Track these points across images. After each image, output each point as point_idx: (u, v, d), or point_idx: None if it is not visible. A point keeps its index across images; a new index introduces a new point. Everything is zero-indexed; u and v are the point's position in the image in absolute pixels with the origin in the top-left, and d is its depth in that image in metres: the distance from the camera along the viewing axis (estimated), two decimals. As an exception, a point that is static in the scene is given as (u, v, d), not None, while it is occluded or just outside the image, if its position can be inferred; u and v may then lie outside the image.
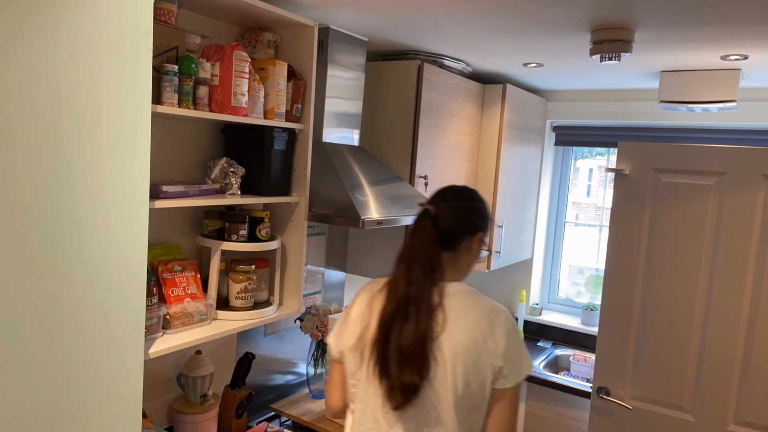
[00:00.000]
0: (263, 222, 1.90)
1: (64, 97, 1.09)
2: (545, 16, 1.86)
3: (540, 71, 2.82)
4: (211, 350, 2.11)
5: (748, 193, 2.09)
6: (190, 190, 1.66)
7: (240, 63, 1.67)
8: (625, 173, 2.30)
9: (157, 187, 1.56)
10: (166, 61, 1.54)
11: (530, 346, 3.40)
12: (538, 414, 3.00)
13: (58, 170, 1.10)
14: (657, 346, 2.28)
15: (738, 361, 2.13)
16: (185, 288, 1.74)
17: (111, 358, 1.24)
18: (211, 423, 1.92)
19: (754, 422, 2.12)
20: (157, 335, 1.62)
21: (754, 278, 2.10)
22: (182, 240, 1.92)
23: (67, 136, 1.10)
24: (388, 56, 2.61)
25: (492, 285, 3.71)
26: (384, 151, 2.55)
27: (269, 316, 1.91)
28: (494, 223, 3.01)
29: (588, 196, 3.81)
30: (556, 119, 3.43)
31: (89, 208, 1.16)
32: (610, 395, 2.38)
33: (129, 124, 1.21)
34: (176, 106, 1.54)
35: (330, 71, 2.15)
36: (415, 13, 1.93)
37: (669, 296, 2.24)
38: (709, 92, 2.53)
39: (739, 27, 1.86)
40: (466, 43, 2.31)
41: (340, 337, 1.46)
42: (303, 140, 1.95)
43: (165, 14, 1.55)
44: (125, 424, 1.29)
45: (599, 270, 3.57)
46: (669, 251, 2.23)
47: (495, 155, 2.96)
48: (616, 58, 2.02)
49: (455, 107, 2.72)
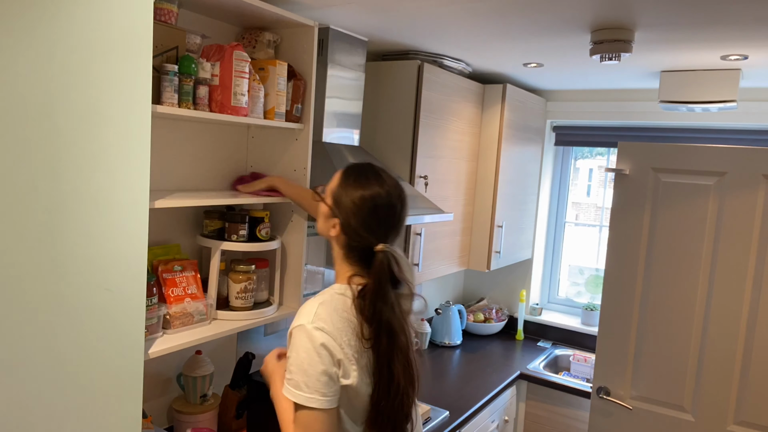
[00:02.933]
0: (263, 222, 1.90)
1: (63, 97, 1.09)
2: (545, 16, 1.86)
3: (540, 71, 2.82)
4: (211, 350, 2.11)
5: (748, 193, 2.09)
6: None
7: (240, 63, 1.67)
8: (625, 173, 2.30)
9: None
10: (166, 61, 1.54)
11: (530, 346, 3.41)
12: (537, 414, 3.00)
13: (58, 170, 1.10)
14: (657, 346, 2.28)
15: (738, 361, 2.13)
16: (185, 288, 1.74)
17: (111, 358, 1.24)
18: (211, 423, 1.92)
19: (754, 422, 2.12)
20: (157, 335, 1.62)
21: (754, 278, 2.10)
22: (182, 240, 1.92)
23: (67, 136, 1.10)
24: (388, 56, 2.61)
25: (492, 285, 3.71)
26: (384, 151, 2.55)
27: (269, 316, 1.91)
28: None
29: (588, 196, 3.81)
30: (556, 119, 3.43)
31: (89, 207, 1.16)
32: (610, 395, 2.38)
33: (129, 124, 1.21)
34: (176, 106, 1.54)
35: (330, 71, 2.15)
36: (415, 13, 1.93)
37: (669, 296, 2.24)
38: (709, 92, 2.53)
39: (739, 27, 1.86)
40: (466, 43, 2.31)
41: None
42: (303, 140, 1.95)
43: (165, 14, 1.55)
44: (125, 424, 1.29)
45: (599, 270, 3.57)
46: (669, 251, 2.23)
47: (495, 155, 2.96)
48: (616, 58, 2.02)
49: (455, 107, 2.72)
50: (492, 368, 2.99)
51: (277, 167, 2.01)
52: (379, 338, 1.29)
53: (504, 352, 3.26)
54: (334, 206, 1.37)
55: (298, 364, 1.24)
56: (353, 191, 1.35)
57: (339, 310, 1.30)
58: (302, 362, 1.24)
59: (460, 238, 2.95)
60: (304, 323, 1.26)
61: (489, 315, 3.53)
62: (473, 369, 2.97)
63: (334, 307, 1.30)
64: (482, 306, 3.62)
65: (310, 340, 1.24)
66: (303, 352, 1.24)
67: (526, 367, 3.04)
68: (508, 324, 3.62)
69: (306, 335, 1.25)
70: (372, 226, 1.34)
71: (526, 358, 3.18)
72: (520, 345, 3.41)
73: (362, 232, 1.33)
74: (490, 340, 3.46)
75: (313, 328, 1.25)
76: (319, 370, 1.23)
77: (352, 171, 1.39)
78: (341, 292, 1.33)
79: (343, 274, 1.38)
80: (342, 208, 1.35)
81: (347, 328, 1.28)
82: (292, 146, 1.97)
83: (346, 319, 1.29)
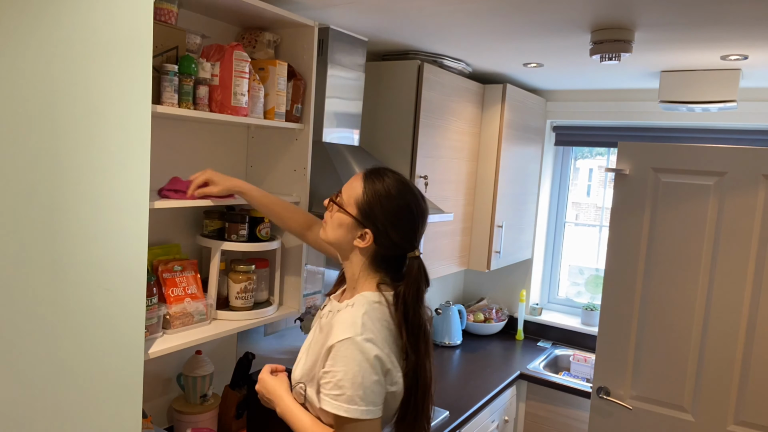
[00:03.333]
0: (263, 222, 1.90)
1: (63, 97, 1.09)
2: (545, 16, 1.86)
3: (540, 71, 2.82)
4: (211, 350, 2.11)
5: (748, 193, 2.09)
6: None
7: (240, 63, 1.67)
8: (625, 173, 2.30)
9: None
10: (166, 61, 1.54)
11: (530, 346, 3.41)
12: (538, 414, 3.00)
13: (58, 170, 1.10)
14: (657, 346, 2.28)
15: (738, 361, 2.13)
16: (185, 288, 1.74)
17: (111, 358, 1.24)
18: (211, 423, 1.92)
19: (754, 422, 2.12)
20: (157, 335, 1.62)
21: (754, 278, 2.10)
22: (182, 240, 1.92)
23: (67, 136, 1.10)
24: (388, 56, 2.61)
25: (492, 285, 3.71)
26: (384, 151, 2.55)
27: (269, 316, 1.90)
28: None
29: (588, 196, 3.81)
30: (556, 119, 3.43)
31: (89, 207, 1.16)
32: (610, 395, 2.38)
33: (129, 124, 1.21)
34: (176, 106, 1.54)
35: (330, 71, 2.15)
36: (415, 13, 1.93)
37: (669, 296, 2.24)
38: (709, 92, 2.53)
39: (739, 27, 1.86)
40: (466, 43, 2.31)
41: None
42: (303, 140, 1.95)
43: (165, 14, 1.55)
44: (125, 424, 1.29)
45: (599, 270, 3.57)
46: (669, 251, 2.23)
47: (495, 155, 2.96)
48: (616, 58, 2.02)
49: (455, 107, 2.72)
50: (492, 368, 2.99)
51: (277, 167, 2.01)
52: (418, 343, 1.30)
53: (504, 352, 3.26)
54: (361, 217, 1.33)
55: (351, 378, 1.22)
56: (387, 201, 1.32)
57: (381, 320, 1.29)
58: (356, 376, 1.22)
59: (460, 238, 2.95)
60: (352, 336, 1.24)
61: (489, 315, 3.53)
62: (473, 369, 2.97)
63: (377, 317, 1.29)
64: (482, 306, 3.62)
65: (362, 353, 1.22)
66: (355, 365, 1.22)
67: (526, 367, 3.04)
68: (508, 324, 3.62)
69: (357, 348, 1.23)
70: (410, 235, 1.34)
71: (526, 358, 3.18)
72: (520, 345, 3.41)
73: (400, 241, 1.33)
74: (490, 340, 3.46)
75: (363, 340, 1.23)
76: (374, 380, 1.23)
77: (376, 178, 1.35)
78: (377, 300, 1.32)
79: (370, 281, 1.36)
80: (375, 218, 1.31)
81: (390, 336, 1.29)
82: (292, 146, 1.97)
83: (387, 327, 1.29)
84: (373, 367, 1.23)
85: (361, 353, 1.22)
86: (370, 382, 1.22)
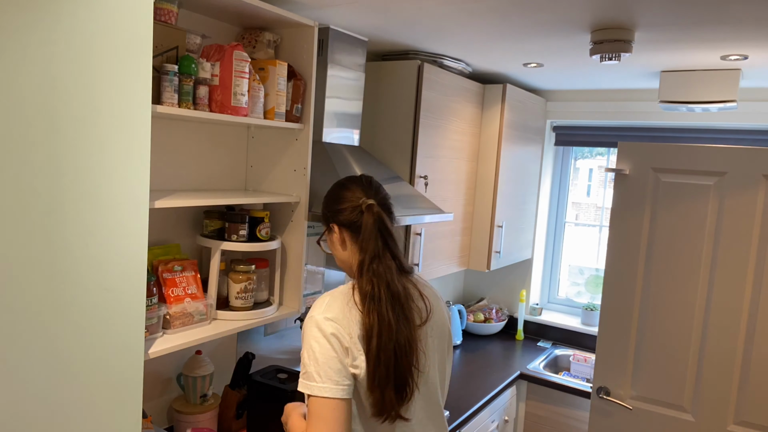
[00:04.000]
0: (263, 222, 1.90)
1: (63, 97, 1.09)
2: (545, 16, 1.86)
3: (540, 71, 2.82)
4: (211, 350, 2.11)
5: (748, 193, 2.09)
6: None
7: (240, 63, 1.67)
8: (625, 173, 2.30)
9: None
10: (166, 61, 1.54)
11: (530, 346, 3.41)
12: (538, 414, 3.00)
13: (58, 170, 1.10)
14: (657, 346, 2.28)
15: (738, 361, 2.13)
16: (185, 288, 1.74)
17: (111, 358, 1.24)
18: (211, 423, 1.92)
19: (754, 422, 2.12)
20: (157, 335, 1.62)
21: (754, 278, 2.10)
22: (182, 240, 1.92)
23: (67, 136, 1.10)
24: (388, 56, 2.61)
25: (492, 285, 3.71)
26: (384, 151, 2.55)
27: (269, 316, 1.91)
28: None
29: (588, 196, 3.81)
30: (556, 119, 3.43)
31: (89, 207, 1.16)
32: (610, 395, 2.38)
33: (129, 124, 1.21)
34: (176, 106, 1.54)
35: (330, 71, 2.15)
36: (415, 13, 1.93)
37: (669, 296, 2.24)
38: (709, 92, 2.53)
39: (739, 27, 1.86)
40: (466, 43, 2.31)
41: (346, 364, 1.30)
42: (303, 140, 1.95)
43: (165, 14, 1.55)
44: (125, 424, 1.29)
45: (599, 270, 3.57)
46: (669, 251, 2.23)
47: (495, 155, 2.96)
48: (616, 58, 2.02)
49: (455, 107, 2.72)
50: (492, 368, 2.99)
51: (277, 167, 2.01)
52: (378, 304, 1.30)
53: (504, 352, 3.26)
54: (324, 222, 1.48)
55: (310, 355, 1.27)
56: (325, 197, 1.51)
57: (349, 301, 1.33)
58: (313, 351, 1.27)
59: (460, 238, 2.95)
60: (314, 315, 1.31)
61: (489, 315, 3.53)
62: (473, 369, 2.97)
63: (345, 299, 1.34)
64: (482, 306, 3.62)
65: (320, 330, 1.28)
66: (314, 341, 1.28)
67: (526, 367, 3.04)
68: (508, 324, 3.62)
69: (315, 326, 1.29)
70: (342, 193, 1.45)
71: (526, 358, 3.18)
72: (520, 345, 3.41)
73: (340, 205, 1.43)
74: (490, 340, 3.46)
75: (323, 319, 1.29)
76: (331, 356, 1.26)
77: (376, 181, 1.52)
78: (350, 287, 1.38)
79: (355, 263, 1.43)
80: (325, 213, 1.48)
81: (355, 318, 1.31)
82: (292, 146, 1.97)
83: (357, 308, 1.32)
84: (330, 343, 1.27)
85: (318, 330, 1.28)
86: (327, 357, 1.26)
